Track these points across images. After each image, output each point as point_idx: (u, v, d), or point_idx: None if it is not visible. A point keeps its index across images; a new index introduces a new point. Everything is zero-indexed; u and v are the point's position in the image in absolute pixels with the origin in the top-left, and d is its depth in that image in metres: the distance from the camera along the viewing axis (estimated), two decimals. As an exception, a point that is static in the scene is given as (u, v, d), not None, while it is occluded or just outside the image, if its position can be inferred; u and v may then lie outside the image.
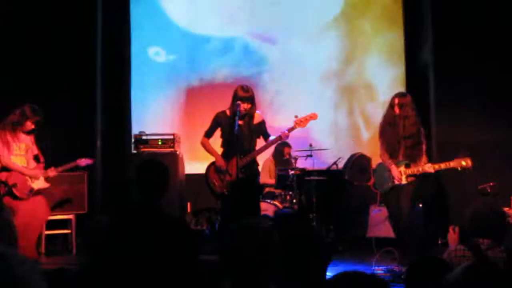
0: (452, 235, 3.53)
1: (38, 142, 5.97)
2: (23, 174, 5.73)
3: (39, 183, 5.84)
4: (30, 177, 5.78)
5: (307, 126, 5.47)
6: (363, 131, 8.02)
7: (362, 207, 7.18)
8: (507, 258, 3.02)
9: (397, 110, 5.57)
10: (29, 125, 5.75)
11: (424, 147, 5.61)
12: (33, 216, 5.74)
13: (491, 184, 6.33)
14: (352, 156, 7.58)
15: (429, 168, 5.44)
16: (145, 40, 7.92)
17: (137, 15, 7.87)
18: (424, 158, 5.59)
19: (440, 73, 7.14)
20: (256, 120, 5.44)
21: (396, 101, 5.58)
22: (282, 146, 7.04)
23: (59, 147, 6.97)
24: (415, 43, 7.76)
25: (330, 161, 7.36)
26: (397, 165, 5.55)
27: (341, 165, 7.45)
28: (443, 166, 5.42)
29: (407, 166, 5.53)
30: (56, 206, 6.53)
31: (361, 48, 8.04)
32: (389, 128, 5.64)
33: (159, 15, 7.97)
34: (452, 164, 5.35)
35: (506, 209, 5.88)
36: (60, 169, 5.99)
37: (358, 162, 7.49)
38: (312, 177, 7.13)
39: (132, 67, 7.84)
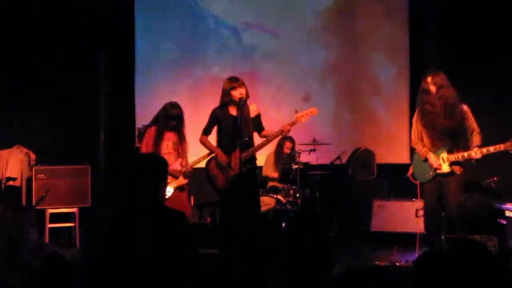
0: None
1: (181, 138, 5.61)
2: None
3: (175, 182, 5.51)
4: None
5: (310, 121, 5.41)
6: (366, 125, 8.01)
7: (365, 202, 7.16)
8: (499, 251, 3.03)
9: (433, 89, 5.03)
10: (170, 122, 5.48)
11: (471, 128, 5.04)
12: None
13: (495, 178, 6.30)
14: (356, 150, 7.57)
15: (476, 153, 4.87)
16: (150, 35, 7.89)
17: (141, 10, 7.83)
18: (474, 140, 5.00)
19: (443, 65, 7.12)
20: (254, 113, 5.36)
21: (429, 79, 5.05)
22: (283, 140, 7.04)
23: (63, 141, 6.99)
24: (419, 36, 7.75)
25: (334, 155, 7.35)
26: (438, 152, 5.07)
27: (344, 159, 7.45)
28: (492, 149, 4.85)
29: (450, 151, 5.02)
30: (60, 199, 6.55)
31: (365, 41, 8.01)
32: (427, 113, 5.10)
33: (163, 9, 7.94)
34: (503, 146, 4.81)
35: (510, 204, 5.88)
36: (195, 162, 5.64)
37: (362, 156, 7.49)
38: (315, 172, 7.13)
39: (136, 61, 7.81)
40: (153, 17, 7.89)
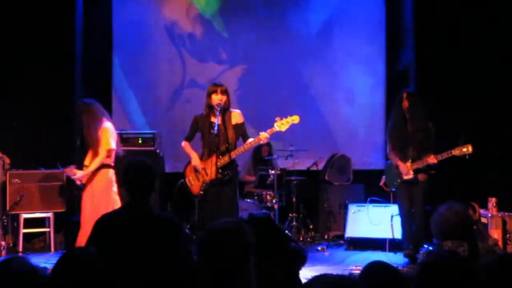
0: None
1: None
2: None
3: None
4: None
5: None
6: (342, 132, 8.08)
7: (341, 207, 7.22)
8: (468, 255, 3.08)
9: (406, 104, 5.60)
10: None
11: (432, 140, 5.58)
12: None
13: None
14: (332, 156, 7.62)
15: (432, 159, 5.40)
16: (127, 38, 7.86)
17: (119, 14, 7.80)
18: (430, 154, 5.51)
19: (420, 76, 7.23)
20: (237, 120, 5.30)
21: (405, 95, 5.63)
22: (260, 145, 7.01)
23: (38, 145, 6.91)
24: (396, 46, 7.86)
25: (310, 161, 7.39)
26: (405, 160, 5.59)
27: (321, 165, 7.50)
28: (445, 155, 5.36)
29: (413, 160, 5.55)
30: (35, 204, 6.48)
31: (342, 51, 8.09)
32: (399, 124, 5.66)
33: (142, 13, 7.92)
34: (453, 152, 5.28)
35: (482, 210, 5.98)
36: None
37: (338, 162, 7.54)
38: (292, 177, 7.17)
39: (113, 65, 7.78)
40: (132, 23, 7.87)
